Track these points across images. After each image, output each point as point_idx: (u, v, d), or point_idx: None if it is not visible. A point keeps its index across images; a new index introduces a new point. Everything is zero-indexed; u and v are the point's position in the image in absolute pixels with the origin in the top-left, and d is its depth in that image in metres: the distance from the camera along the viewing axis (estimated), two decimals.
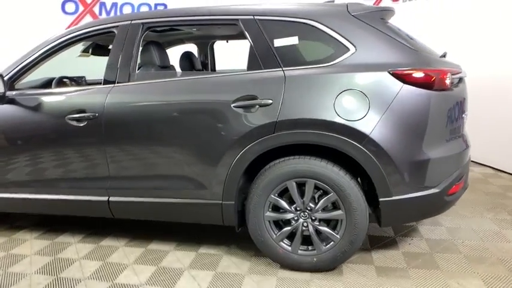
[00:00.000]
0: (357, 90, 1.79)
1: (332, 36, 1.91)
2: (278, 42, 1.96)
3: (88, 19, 5.89)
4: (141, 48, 2.27)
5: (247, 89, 1.91)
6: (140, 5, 6.05)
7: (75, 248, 2.41)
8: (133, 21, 2.19)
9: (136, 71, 2.18)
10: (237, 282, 1.97)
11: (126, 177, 2.16)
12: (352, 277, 1.98)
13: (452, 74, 1.90)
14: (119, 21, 2.23)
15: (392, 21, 2.12)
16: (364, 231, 1.91)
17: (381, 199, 1.84)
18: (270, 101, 1.86)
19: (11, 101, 2.27)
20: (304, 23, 1.96)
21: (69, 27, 5.89)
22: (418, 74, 1.77)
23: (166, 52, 2.54)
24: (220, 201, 2.04)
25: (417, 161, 1.81)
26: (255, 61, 1.98)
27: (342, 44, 1.89)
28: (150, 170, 2.12)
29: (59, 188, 2.29)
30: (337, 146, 1.81)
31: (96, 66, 3.78)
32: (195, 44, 3.51)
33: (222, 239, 2.43)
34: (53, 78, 2.69)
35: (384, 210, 1.85)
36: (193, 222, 2.27)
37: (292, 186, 1.93)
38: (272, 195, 1.97)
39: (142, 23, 2.18)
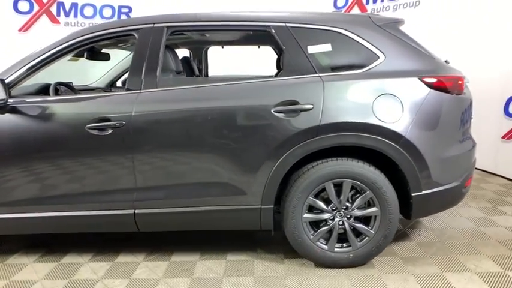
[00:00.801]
0: (392, 95, 1.94)
1: (362, 44, 2.04)
2: (312, 49, 2.04)
3: (44, 20, 5.40)
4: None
5: (287, 95, 1.96)
6: (103, 6, 5.71)
7: (90, 268, 2.21)
8: (156, 25, 2.10)
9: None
10: (281, 284, 1.99)
11: (156, 187, 2.06)
12: (385, 268, 2.12)
13: None
14: (140, 24, 2.12)
15: None
16: (396, 225, 2.07)
17: (413, 194, 2.01)
18: (311, 106, 1.93)
19: (14, 110, 2.02)
20: (334, 31, 2.06)
21: (23, 27, 5.35)
22: (443, 80, 1.98)
23: (178, 57, 2.47)
24: (259, 206, 2.05)
25: (443, 158, 2.01)
26: (289, 67, 2.04)
27: (372, 51, 2.03)
28: (185, 179, 2.04)
29: (77, 203, 2.09)
30: (376, 146, 1.94)
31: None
32: (189, 49, 3.45)
33: (245, 245, 2.42)
34: (47, 84, 2.46)
35: (415, 204, 2.02)
36: (227, 229, 2.24)
37: (330, 187, 2.02)
38: (310, 197, 2.03)
39: (167, 27, 2.10)
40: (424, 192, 2.01)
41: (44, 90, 2.43)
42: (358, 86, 1.97)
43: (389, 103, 1.94)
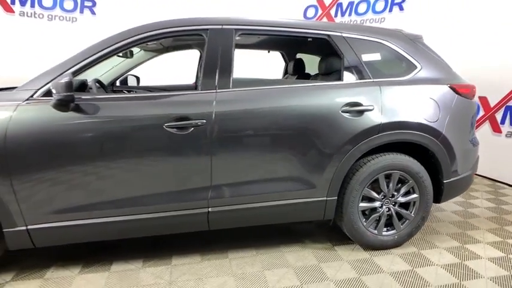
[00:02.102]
0: (432, 99, 2.33)
1: (403, 55, 2.40)
2: (365, 57, 2.32)
3: None
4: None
5: (352, 97, 2.20)
6: None
7: (145, 273, 2.12)
8: (224, 26, 2.15)
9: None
10: (345, 268, 2.21)
11: (230, 184, 2.10)
12: (421, 244, 2.50)
13: None
14: (208, 24, 2.13)
15: None
16: (431, 207, 2.46)
17: (444, 181, 2.42)
18: (372, 107, 2.20)
19: (78, 107, 1.87)
20: (381, 43, 2.38)
21: None
22: (466, 88, 2.44)
23: None
24: (325, 198, 2.24)
25: (464, 151, 2.47)
26: (349, 72, 2.28)
27: (411, 62, 2.40)
28: (259, 175, 2.12)
29: (150, 205, 2.00)
30: (422, 142, 2.29)
31: None
32: None
33: (294, 238, 2.58)
34: (81, 81, 2.28)
35: (446, 189, 2.44)
36: (296, 221, 2.36)
37: (383, 178, 2.31)
38: (366, 188, 2.30)
39: (235, 29, 2.16)
40: (451, 179, 2.44)
41: (80, 87, 2.24)
42: (406, 90, 2.31)
43: (430, 105, 2.32)
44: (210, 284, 2.02)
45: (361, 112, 2.19)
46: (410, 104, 2.29)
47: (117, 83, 3.30)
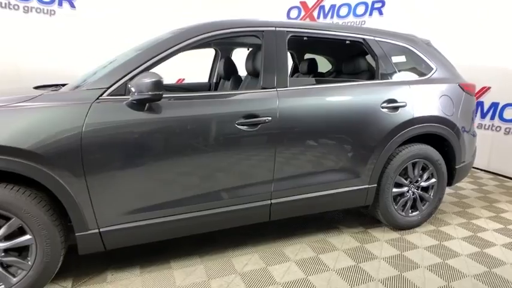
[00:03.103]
0: (447, 96, 2.68)
1: (422, 58, 2.72)
2: (395, 59, 2.60)
3: None
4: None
5: (389, 94, 2.46)
6: None
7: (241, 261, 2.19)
8: (277, 28, 2.27)
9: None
10: (383, 246, 2.48)
11: (290, 177, 2.23)
12: (436, 222, 2.86)
13: None
14: (263, 26, 2.24)
15: None
16: (445, 190, 2.83)
17: (456, 167, 2.80)
18: (405, 103, 2.48)
19: (154, 106, 1.87)
20: (405, 47, 2.68)
21: None
22: (470, 86, 2.84)
23: None
24: (367, 186, 2.48)
25: (470, 140, 2.88)
26: (383, 72, 2.54)
27: (428, 63, 2.73)
28: (315, 168, 2.29)
29: (219, 200, 2.06)
30: (443, 133, 2.64)
31: None
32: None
33: (324, 225, 2.80)
34: None
35: (457, 174, 2.83)
36: (342, 208, 2.57)
37: (410, 166, 2.62)
38: (397, 175, 2.59)
39: (287, 31, 2.29)
40: (461, 165, 2.84)
41: None
42: (429, 88, 2.63)
43: (447, 102, 2.68)
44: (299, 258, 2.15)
45: (396, 108, 2.46)
46: (433, 100, 2.62)
47: None
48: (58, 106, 1.75)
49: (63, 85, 2.48)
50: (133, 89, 1.78)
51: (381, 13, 5.44)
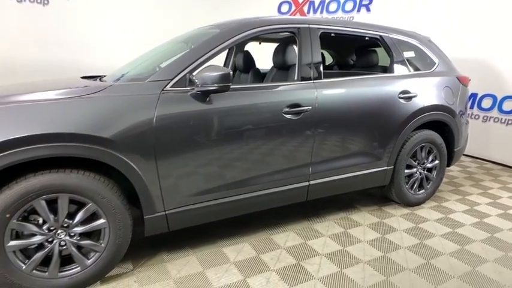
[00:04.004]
0: (449, 87, 3.04)
1: (426, 53, 3.06)
2: (405, 54, 2.91)
3: None
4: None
5: (403, 86, 2.76)
6: None
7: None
8: (311, 25, 2.48)
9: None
10: (397, 220, 2.81)
11: (325, 161, 2.48)
12: (436, 200, 3.25)
13: None
14: (299, 23, 2.44)
15: None
16: (445, 170, 3.21)
17: (455, 149, 3.19)
18: (416, 94, 2.81)
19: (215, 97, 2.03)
20: (412, 43, 3.00)
21: None
22: (466, 78, 3.23)
23: None
24: (386, 167, 2.79)
25: (464, 127, 3.27)
26: (396, 65, 2.84)
27: (432, 59, 3.08)
28: (345, 151, 2.55)
29: (265, 183, 2.26)
30: (445, 120, 3.00)
31: None
32: None
33: (344, 207, 3.09)
34: None
35: (454, 156, 3.22)
36: (365, 188, 2.84)
37: (419, 150, 2.96)
38: (409, 158, 2.92)
39: (318, 28, 2.51)
40: (457, 148, 3.23)
41: None
42: (434, 81, 2.98)
43: (449, 92, 3.04)
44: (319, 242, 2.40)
45: (410, 98, 2.78)
46: (438, 91, 2.97)
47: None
48: (131, 96, 1.86)
49: (102, 77, 2.57)
50: (198, 81, 1.93)
51: (368, 10, 5.79)
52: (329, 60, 4.16)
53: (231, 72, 1.94)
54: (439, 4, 4.99)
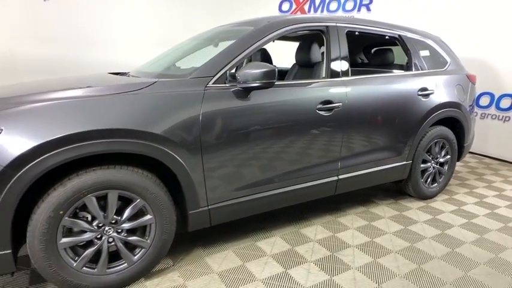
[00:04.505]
0: (460, 85, 3.18)
1: (439, 52, 3.19)
2: (421, 53, 3.02)
3: None
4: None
5: (422, 83, 2.87)
6: None
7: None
8: (338, 24, 2.55)
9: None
10: (414, 213, 2.92)
11: (352, 156, 2.55)
12: (447, 193, 3.39)
13: None
14: (328, 22, 2.50)
15: None
16: (456, 163, 3.36)
17: (464, 145, 3.34)
18: (433, 91, 2.92)
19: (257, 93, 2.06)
20: (427, 43, 3.12)
21: None
22: (474, 76, 3.38)
23: None
24: (405, 162, 2.90)
25: (472, 123, 3.43)
26: (414, 64, 2.95)
27: (444, 57, 3.21)
28: (370, 147, 2.64)
29: (298, 178, 2.32)
30: (458, 116, 3.14)
31: None
32: None
33: (360, 201, 3.19)
34: None
35: (464, 151, 3.37)
36: (386, 182, 2.94)
37: (433, 145, 3.09)
38: (425, 153, 3.05)
39: (345, 27, 2.58)
40: (466, 144, 3.39)
41: None
42: (448, 79, 3.11)
43: (460, 90, 3.18)
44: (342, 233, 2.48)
45: (428, 95, 2.89)
46: (451, 88, 3.10)
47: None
48: (177, 93, 1.87)
49: (126, 73, 2.57)
50: (240, 78, 1.96)
51: (368, 9, 5.93)
52: None
53: (276, 69, 1.98)
54: (438, 4, 5.16)
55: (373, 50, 3.65)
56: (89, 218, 1.76)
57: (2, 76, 4.19)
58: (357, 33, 2.70)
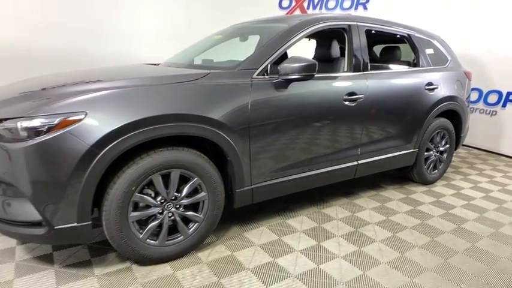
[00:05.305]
0: (459, 81, 3.52)
1: (441, 50, 3.51)
2: (428, 51, 3.33)
3: None
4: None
5: (428, 78, 3.18)
6: None
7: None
8: (358, 23, 2.81)
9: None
10: (419, 192, 3.25)
11: (370, 142, 2.83)
12: (444, 180, 3.74)
13: None
14: (349, 21, 2.75)
15: None
16: (453, 151, 3.71)
17: (461, 135, 3.69)
18: (437, 86, 3.24)
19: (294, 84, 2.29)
20: (431, 41, 3.43)
21: None
22: (470, 73, 3.73)
23: None
24: (413, 150, 3.21)
25: (469, 114, 3.78)
26: (421, 61, 3.25)
27: (446, 55, 3.53)
28: (386, 134, 2.92)
29: (324, 162, 2.57)
30: (457, 109, 3.47)
31: None
32: None
33: (372, 187, 3.49)
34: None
35: (461, 140, 3.72)
36: (397, 167, 3.24)
37: (435, 135, 3.42)
38: (428, 142, 3.37)
39: (364, 25, 2.84)
40: (463, 134, 3.74)
41: None
42: (449, 75, 3.43)
43: (459, 85, 3.52)
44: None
45: (433, 89, 3.21)
46: (452, 84, 3.43)
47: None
48: (229, 83, 2.08)
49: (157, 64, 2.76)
50: (281, 70, 2.19)
51: (365, 8, 6.23)
52: None
53: (317, 63, 2.22)
54: (434, 3, 5.51)
55: (383, 47, 3.94)
56: (152, 195, 1.94)
57: (15, 67, 4.21)
58: (373, 31, 2.97)
